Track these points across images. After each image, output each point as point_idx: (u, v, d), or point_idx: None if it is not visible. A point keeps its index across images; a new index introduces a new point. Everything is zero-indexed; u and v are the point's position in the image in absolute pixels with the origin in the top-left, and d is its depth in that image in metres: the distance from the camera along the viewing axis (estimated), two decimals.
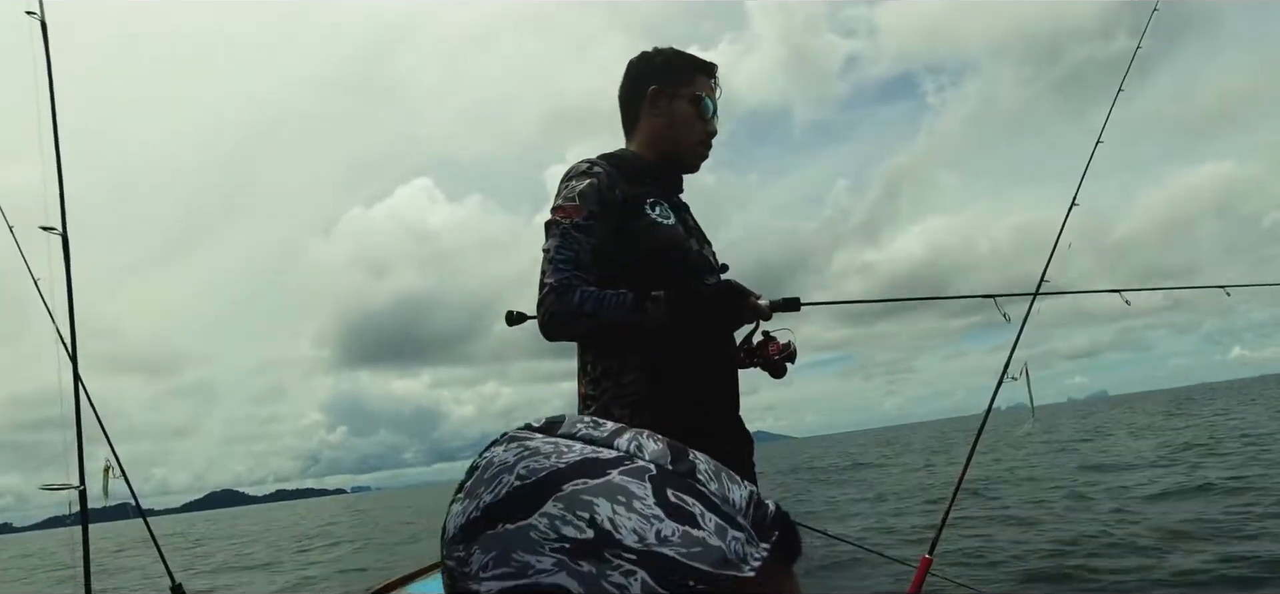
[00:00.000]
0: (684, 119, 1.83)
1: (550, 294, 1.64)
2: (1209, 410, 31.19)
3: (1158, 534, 6.98)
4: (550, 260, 1.66)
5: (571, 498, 0.49)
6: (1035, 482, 12.19)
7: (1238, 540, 6.34)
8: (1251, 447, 13.60)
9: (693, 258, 1.79)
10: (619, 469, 0.50)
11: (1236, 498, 8.30)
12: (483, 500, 0.51)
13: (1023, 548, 7.19)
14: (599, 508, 0.48)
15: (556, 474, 0.50)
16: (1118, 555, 6.39)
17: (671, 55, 1.86)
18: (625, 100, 1.89)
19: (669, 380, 1.69)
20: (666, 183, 1.85)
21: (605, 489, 0.49)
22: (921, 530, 8.62)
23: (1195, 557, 5.95)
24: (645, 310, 1.64)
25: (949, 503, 2.85)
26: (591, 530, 0.48)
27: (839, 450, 39.69)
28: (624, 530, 0.48)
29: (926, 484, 14.78)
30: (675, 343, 1.68)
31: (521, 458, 0.52)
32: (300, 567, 14.47)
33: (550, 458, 0.51)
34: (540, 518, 0.48)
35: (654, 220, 1.73)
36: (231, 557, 18.88)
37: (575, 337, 1.73)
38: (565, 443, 0.53)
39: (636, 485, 0.50)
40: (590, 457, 0.51)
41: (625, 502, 0.49)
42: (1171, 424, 24.47)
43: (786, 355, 1.81)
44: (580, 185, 1.71)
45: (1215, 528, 6.93)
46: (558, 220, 1.69)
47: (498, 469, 0.52)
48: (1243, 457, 12.22)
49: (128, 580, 14.60)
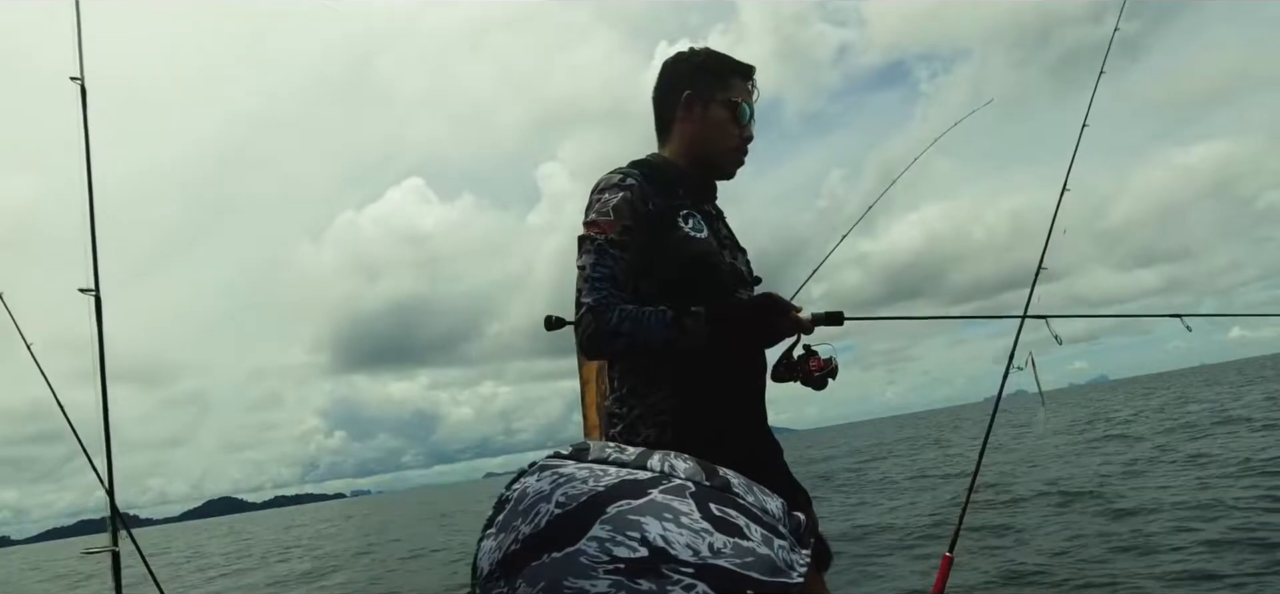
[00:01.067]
0: (719, 125, 1.79)
1: (588, 314, 1.61)
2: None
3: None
4: (587, 278, 1.63)
5: (618, 519, 0.49)
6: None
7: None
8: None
9: (725, 272, 1.75)
10: (658, 488, 0.51)
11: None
12: (521, 532, 0.50)
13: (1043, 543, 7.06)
14: (648, 526, 0.48)
15: (598, 497, 0.50)
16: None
17: (707, 57, 1.81)
18: (659, 103, 1.84)
19: (698, 398, 1.66)
20: (700, 191, 1.82)
21: (650, 508, 0.49)
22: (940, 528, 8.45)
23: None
24: (684, 327, 1.61)
25: (966, 499, 2.83)
26: (645, 548, 0.48)
27: (846, 446, 39.56)
28: (677, 546, 0.48)
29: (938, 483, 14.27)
30: (708, 360, 1.65)
31: (557, 485, 0.51)
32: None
33: (587, 483, 0.51)
34: (588, 542, 0.48)
35: (686, 234, 1.70)
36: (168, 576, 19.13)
37: (615, 356, 1.70)
38: (599, 468, 0.53)
39: (680, 502, 0.50)
40: (628, 478, 0.51)
41: (672, 518, 0.49)
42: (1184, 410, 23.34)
43: (829, 371, 1.75)
44: (614, 199, 1.66)
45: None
46: (592, 236, 1.65)
47: (533, 499, 0.51)
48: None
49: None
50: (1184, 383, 56.38)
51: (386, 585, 11.81)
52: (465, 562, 9.88)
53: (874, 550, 7.59)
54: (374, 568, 14.35)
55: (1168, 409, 25.29)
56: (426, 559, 14.21)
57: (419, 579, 11.57)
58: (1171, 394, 37.53)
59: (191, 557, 26.27)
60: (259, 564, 18.81)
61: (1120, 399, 41.26)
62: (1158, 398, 35.52)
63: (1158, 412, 24.85)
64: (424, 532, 22.05)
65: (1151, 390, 50.39)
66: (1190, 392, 36.30)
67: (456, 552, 14.33)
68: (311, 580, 13.95)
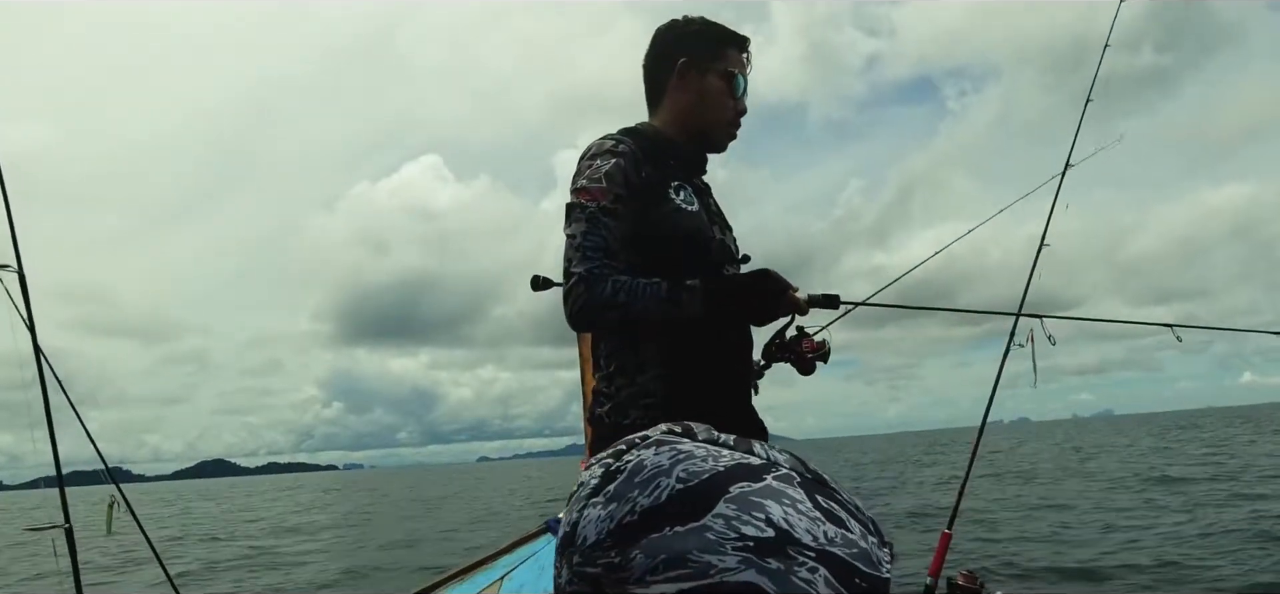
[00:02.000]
0: (715, 96, 1.72)
1: (579, 284, 1.53)
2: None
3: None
4: (577, 246, 1.55)
5: (742, 499, 0.49)
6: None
7: None
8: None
9: (715, 247, 1.70)
10: (772, 474, 0.52)
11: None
12: (639, 503, 0.50)
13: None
14: (771, 509, 0.49)
15: (719, 476, 0.50)
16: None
17: (703, 25, 1.74)
18: (651, 71, 1.77)
19: (687, 378, 1.60)
20: (692, 163, 1.76)
21: (769, 492, 0.50)
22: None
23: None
24: (680, 301, 1.54)
25: (965, 477, 2.94)
26: (772, 529, 0.49)
27: (841, 458, 39.61)
28: (799, 529, 0.49)
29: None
30: (698, 336, 1.59)
31: (677, 461, 0.52)
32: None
33: (707, 461, 0.51)
34: (714, 519, 0.49)
35: (677, 205, 1.64)
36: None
37: (607, 329, 1.63)
38: (714, 448, 0.53)
39: (793, 490, 0.51)
40: (743, 461, 0.52)
41: (791, 504, 0.50)
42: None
43: (820, 354, 1.72)
44: (605, 165, 1.59)
45: None
46: (583, 203, 1.58)
47: (652, 472, 0.51)
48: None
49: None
50: (1164, 424, 56.56)
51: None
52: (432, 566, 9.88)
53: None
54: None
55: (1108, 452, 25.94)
56: (403, 553, 13.40)
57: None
58: (1142, 435, 37.66)
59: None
60: (201, 541, 17.67)
61: (1099, 436, 41.57)
62: (1127, 438, 35.82)
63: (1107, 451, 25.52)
64: (405, 520, 21.22)
65: (1125, 431, 50.57)
66: (1169, 435, 36.49)
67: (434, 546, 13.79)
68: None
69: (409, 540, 15.35)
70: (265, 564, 12.76)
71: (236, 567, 12.56)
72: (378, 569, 11.45)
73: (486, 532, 15.06)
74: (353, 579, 10.81)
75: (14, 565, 13.29)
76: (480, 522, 18.32)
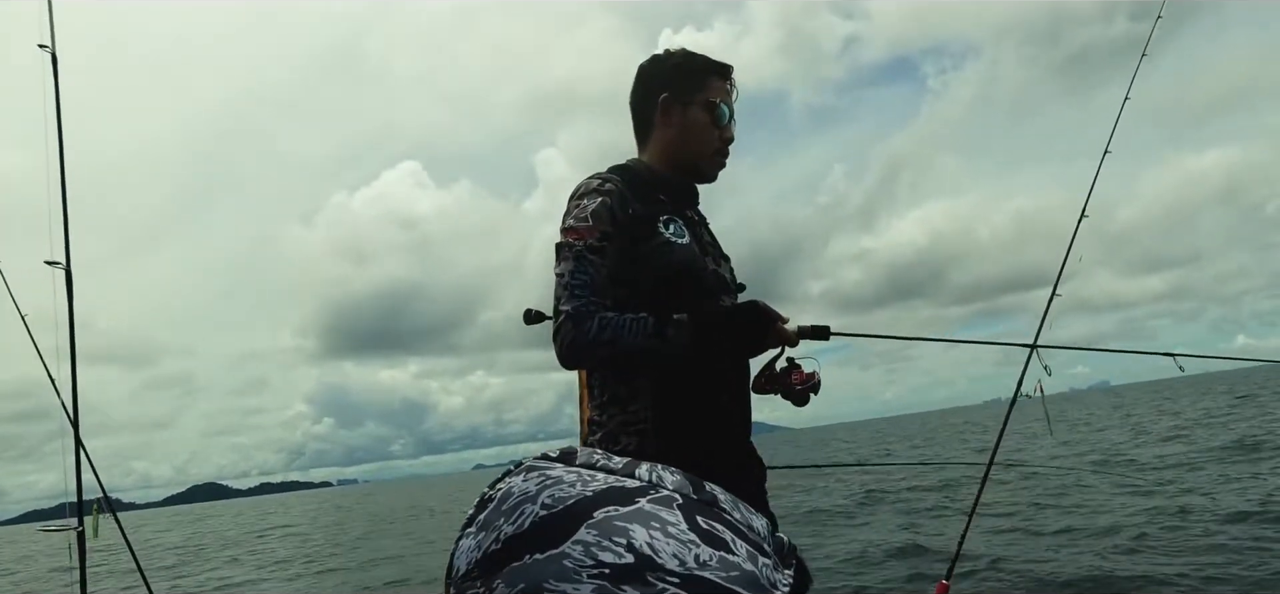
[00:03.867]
0: (698, 128, 1.75)
1: (567, 322, 1.56)
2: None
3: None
4: (565, 285, 1.59)
5: (605, 524, 0.48)
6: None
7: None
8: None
9: (708, 278, 1.71)
10: (646, 497, 0.49)
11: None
12: (503, 531, 0.49)
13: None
14: (635, 533, 0.48)
15: (585, 502, 0.49)
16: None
17: (682, 58, 1.77)
18: (636, 108, 1.80)
19: (678, 409, 1.62)
20: (682, 196, 1.78)
21: (638, 516, 0.48)
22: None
23: None
24: (666, 336, 1.56)
25: (965, 528, 2.79)
26: (631, 555, 0.47)
27: (843, 448, 39.43)
28: (664, 554, 0.48)
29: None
30: (689, 370, 1.61)
31: (544, 487, 0.50)
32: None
33: (575, 486, 0.50)
34: (573, 546, 0.48)
35: (667, 239, 1.65)
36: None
37: (596, 366, 1.66)
38: (587, 473, 0.52)
39: (667, 512, 0.49)
40: (615, 485, 0.50)
41: (660, 527, 0.48)
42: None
43: (810, 386, 1.70)
44: (592, 205, 1.63)
45: None
46: (570, 242, 1.61)
47: (519, 499, 0.50)
48: None
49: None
50: (1145, 395, 56.65)
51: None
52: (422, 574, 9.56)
53: (862, 568, 7.51)
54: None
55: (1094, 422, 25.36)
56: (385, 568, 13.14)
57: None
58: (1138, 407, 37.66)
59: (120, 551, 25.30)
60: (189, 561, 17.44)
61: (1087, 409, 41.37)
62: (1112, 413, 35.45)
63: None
64: (396, 533, 20.75)
65: (1125, 402, 50.65)
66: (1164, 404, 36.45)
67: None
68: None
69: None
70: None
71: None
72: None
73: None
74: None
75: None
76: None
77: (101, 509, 3.09)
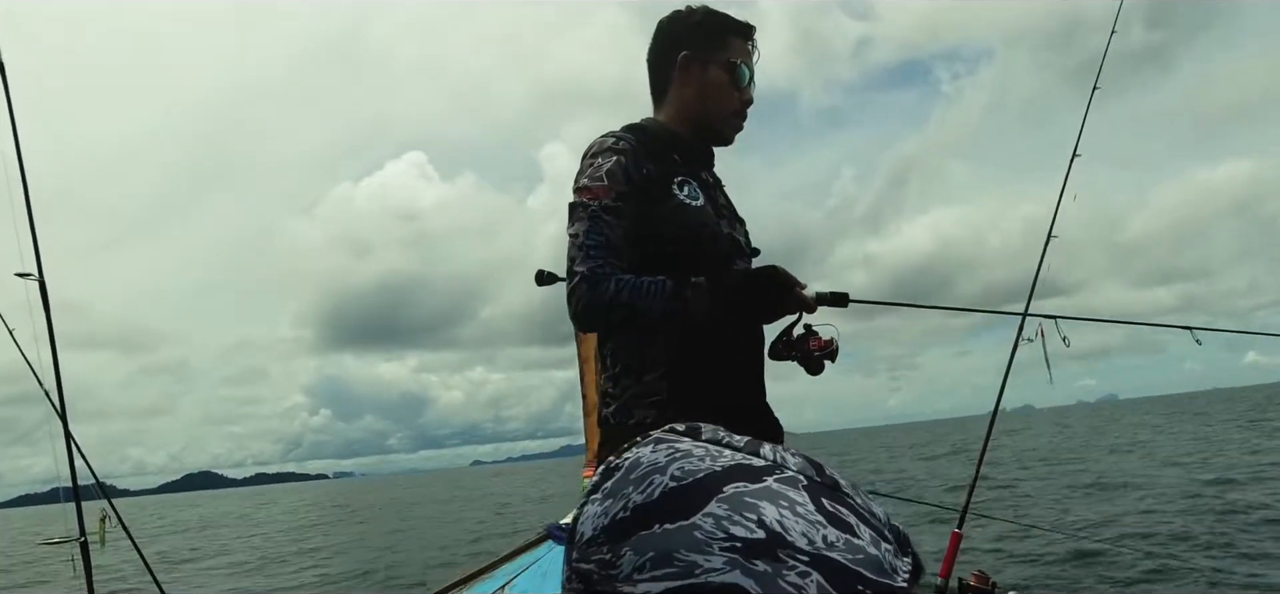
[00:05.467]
0: (717, 88, 1.69)
1: (582, 283, 1.52)
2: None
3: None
4: (580, 246, 1.54)
5: (735, 499, 0.48)
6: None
7: None
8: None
9: (723, 242, 1.67)
10: (773, 476, 0.50)
11: None
12: (631, 500, 0.49)
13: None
14: (765, 510, 0.48)
15: (714, 476, 0.49)
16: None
17: (705, 15, 1.71)
18: (654, 65, 1.75)
19: (694, 378, 1.57)
20: (697, 158, 1.73)
21: (767, 493, 0.48)
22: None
23: None
24: (685, 299, 1.51)
25: (974, 476, 2.89)
26: (762, 531, 0.47)
27: (839, 451, 39.48)
28: (794, 532, 0.48)
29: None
30: (703, 337, 1.56)
31: (674, 459, 0.50)
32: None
33: (705, 460, 0.50)
34: (704, 518, 0.47)
35: (681, 201, 1.61)
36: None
37: (612, 328, 1.61)
38: (715, 448, 0.52)
39: (794, 492, 0.49)
40: (743, 462, 0.51)
41: (789, 506, 0.48)
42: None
43: (827, 353, 1.66)
44: (607, 164, 1.58)
45: None
46: (585, 202, 1.56)
47: (648, 469, 0.50)
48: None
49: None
50: (1158, 409, 56.64)
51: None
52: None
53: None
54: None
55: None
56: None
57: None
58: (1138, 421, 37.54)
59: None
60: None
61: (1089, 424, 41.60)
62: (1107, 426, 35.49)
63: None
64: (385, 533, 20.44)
65: (1119, 416, 50.64)
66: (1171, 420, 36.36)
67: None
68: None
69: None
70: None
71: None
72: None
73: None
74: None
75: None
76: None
77: (106, 520, 2.99)
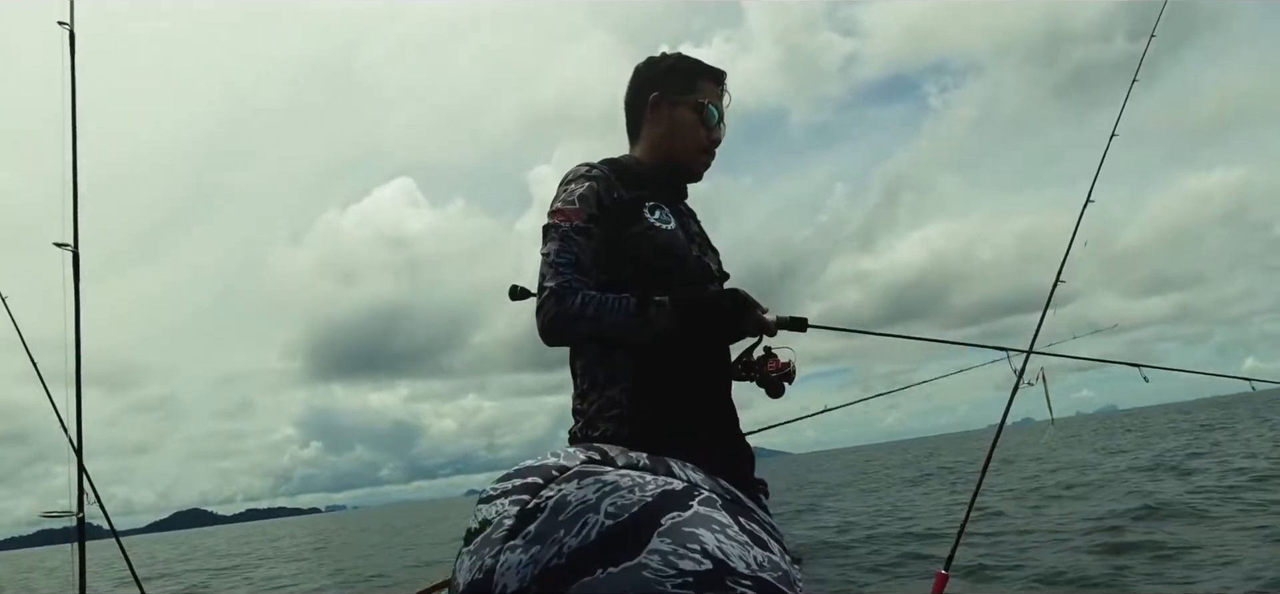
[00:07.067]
0: (686, 126, 1.81)
1: (550, 297, 1.60)
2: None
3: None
4: (550, 263, 1.62)
5: (675, 531, 0.46)
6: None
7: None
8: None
9: (692, 264, 1.74)
10: (696, 499, 0.48)
11: None
12: (566, 545, 0.46)
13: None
14: (705, 538, 0.46)
15: (649, 507, 0.46)
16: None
17: (676, 61, 1.85)
18: (629, 106, 1.87)
19: (654, 394, 1.63)
20: (668, 189, 1.82)
21: (699, 519, 0.47)
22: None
23: None
24: (649, 315, 1.59)
25: (965, 517, 2.86)
26: (709, 561, 0.46)
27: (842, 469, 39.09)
28: (733, 558, 0.46)
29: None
30: (668, 353, 1.63)
31: (604, 494, 0.47)
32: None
33: (634, 491, 0.47)
34: (650, 555, 0.45)
35: (652, 224, 1.70)
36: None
37: (576, 341, 1.68)
38: (637, 474, 0.49)
39: (719, 514, 0.48)
40: (666, 487, 0.48)
41: (720, 530, 0.47)
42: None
43: (785, 375, 1.75)
44: (579, 188, 1.68)
45: None
46: (557, 223, 1.66)
47: (578, 508, 0.46)
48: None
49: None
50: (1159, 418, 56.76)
51: None
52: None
53: (867, 574, 7.46)
54: None
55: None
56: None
57: None
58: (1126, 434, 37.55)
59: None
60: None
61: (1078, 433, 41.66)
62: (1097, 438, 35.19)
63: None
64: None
65: (1114, 428, 50.64)
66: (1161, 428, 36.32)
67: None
68: None
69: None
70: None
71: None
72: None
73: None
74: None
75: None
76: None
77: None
